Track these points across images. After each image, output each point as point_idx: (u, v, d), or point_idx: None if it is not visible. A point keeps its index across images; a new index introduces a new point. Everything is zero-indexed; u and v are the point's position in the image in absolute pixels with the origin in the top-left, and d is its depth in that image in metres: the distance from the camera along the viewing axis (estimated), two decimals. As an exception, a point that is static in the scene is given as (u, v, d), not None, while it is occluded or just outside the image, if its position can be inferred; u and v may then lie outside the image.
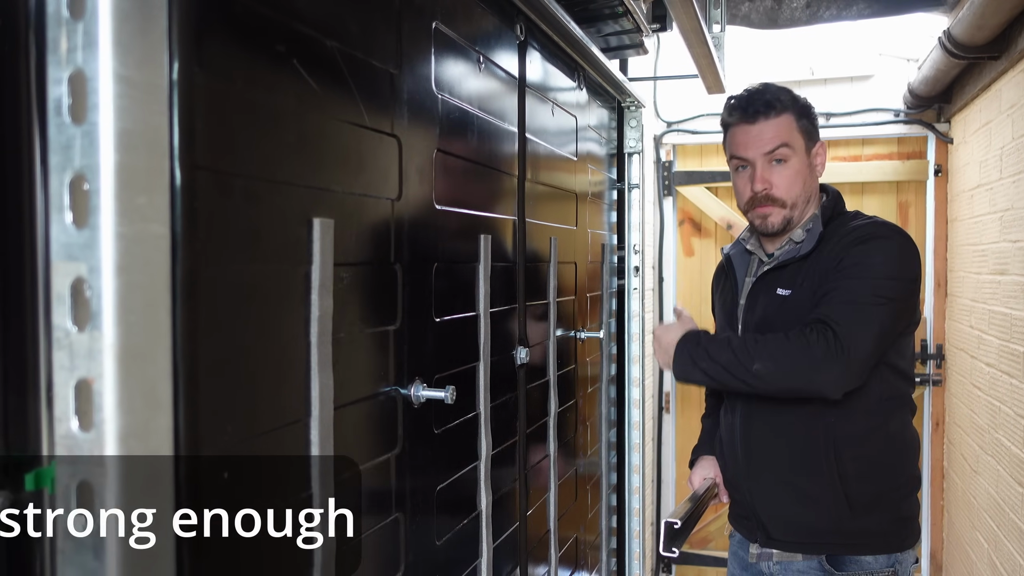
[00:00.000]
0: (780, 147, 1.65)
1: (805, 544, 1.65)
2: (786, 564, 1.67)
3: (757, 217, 1.69)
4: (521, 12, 1.58)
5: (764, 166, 1.66)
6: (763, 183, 1.65)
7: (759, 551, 1.72)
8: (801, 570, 1.65)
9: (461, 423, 1.31)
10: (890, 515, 1.63)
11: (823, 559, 1.63)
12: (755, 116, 1.65)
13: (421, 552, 1.17)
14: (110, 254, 0.54)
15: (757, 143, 1.66)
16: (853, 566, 1.62)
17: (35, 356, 0.71)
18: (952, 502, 3.64)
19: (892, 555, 1.62)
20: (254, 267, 0.81)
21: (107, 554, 0.55)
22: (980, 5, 2.35)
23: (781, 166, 1.66)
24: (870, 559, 1.61)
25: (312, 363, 0.89)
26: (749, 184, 1.67)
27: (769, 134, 1.65)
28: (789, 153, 1.65)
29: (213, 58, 0.75)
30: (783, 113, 1.65)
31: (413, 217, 1.14)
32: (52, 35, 0.55)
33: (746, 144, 1.67)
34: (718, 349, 1.57)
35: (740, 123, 1.67)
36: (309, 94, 0.91)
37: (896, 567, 1.62)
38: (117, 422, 0.54)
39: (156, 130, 0.57)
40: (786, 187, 1.65)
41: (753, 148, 1.66)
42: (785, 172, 1.66)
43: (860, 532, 1.61)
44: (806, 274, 1.64)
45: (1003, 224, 2.79)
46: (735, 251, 1.84)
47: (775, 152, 1.65)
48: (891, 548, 1.62)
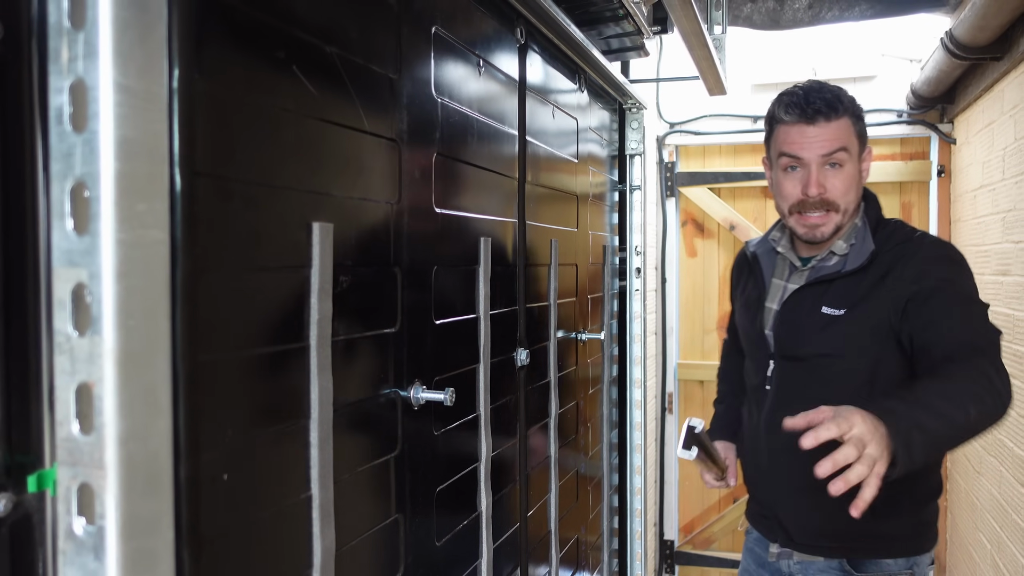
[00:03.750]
0: (839, 151, 1.58)
1: (826, 548, 1.65)
2: (806, 564, 1.68)
3: (803, 225, 1.63)
4: (521, 15, 1.58)
5: (820, 169, 1.59)
6: (818, 187, 1.58)
7: (779, 550, 1.71)
8: (821, 569, 1.66)
9: (461, 425, 1.32)
10: (910, 520, 1.62)
11: (844, 561, 1.63)
12: (815, 116, 1.58)
13: (421, 553, 1.18)
14: (110, 260, 0.55)
15: (815, 145, 1.58)
16: (872, 567, 1.63)
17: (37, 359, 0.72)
18: (955, 503, 3.64)
19: (911, 558, 1.62)
20: (254, 271, 0.82)
21: (107, 555, 0.56)
22: (982, 6, 2.35)
23: (837, 170, 1.59)
24: (889, 561, 1.62)
25: (311, 366, 0.90)
26: (800, 186, 1.61)
27: (828, 136, 1.58)
28: (846, 158, 1.59)
29: (212, 65, 0.76)
30: (843, 116, 1.59)
31: (413, 221, 1.14)
32: (53, 45, 0.56)
33: (802, 144, 1.59)
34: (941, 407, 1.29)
35: (797, 122, 1.59)
36: (309, 99, 0.92)
37: (914, 569, 1.63)
38: (117, 425, 0.55)
39: (156, 137, 0.58)
40: (842, 192, 1.59)
41: (810, 149, 1.58)
42: (841, 177, 1.59)
43: (880, 536, 1.61)
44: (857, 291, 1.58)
45: (1006, 225, 2.79)
46: (762, 250, 1.79)
47: (833, 156, 1.58)
48: (909, 551, 1.63)
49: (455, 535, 1.30)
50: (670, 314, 4.17)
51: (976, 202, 3.24)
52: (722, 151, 4.12)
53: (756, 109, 3.96)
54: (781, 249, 1.73)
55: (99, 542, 0.56)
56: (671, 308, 4.18)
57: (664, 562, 4.19)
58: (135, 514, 0.57)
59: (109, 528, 0.56)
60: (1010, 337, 2.69)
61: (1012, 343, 2.67)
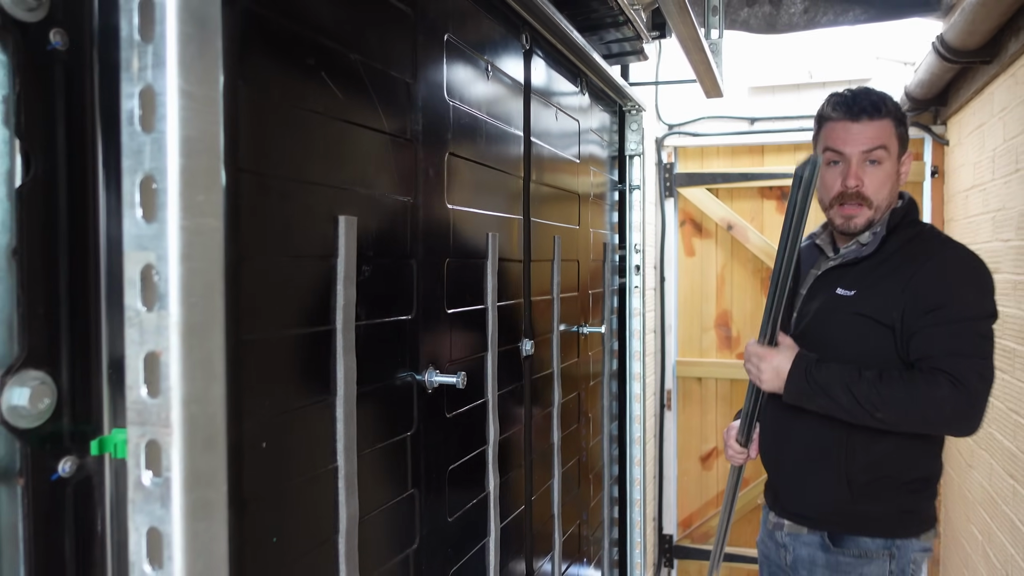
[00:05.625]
0: (877, 148, 1.71)
1: (809, 519, 1.79)
2: (795, 536, 1.82)
3: (841, 216, 1.75)
4: (527, 22, 1.66)
5: (859, 164, 1.72)
6: (856, 180, 1.71)
7: (775, 520, 1.88)
8: (807, 543, 1.80)
9: (471, 408, 1.40)
10: (891, 506, 1.72)
11: (825, 535, 1.76)
12: (859, 115, 1.71)
13: (434, 527, 1.26)
14: (175, 244, 0.63)
15: (857, 140, 1.71)
16: (851, 544, 1.74)
17: (98, 337, 0.80)
18: (948, 496, 3.72)
19: (890, 540, 1.72)
20: (288, 258, 0.90)
21: (172, 503, 0.63)
22: (971, 11, 2.43)
23: (875, 167, 1.72)
24: (868, 540, 1.73)
25: (337, 347, 0.98)
26: (840, 179, 1.73)
27: (870, 133, 1.71)
28: (884, 156, 1.71)
29: (252, 72, 0.84)
30: (886, 117, 1.72)
31: (427, 216, 1.22)
32: (125, 55, 0.63)
33: (845, 140, 1.72)
34: (838, 389, 1.61)
35: (843, 119, 1.73)
36: (334, 102, 0.99)
37: (894, 551, 1.72)
38: (181, 389, 0.63)
39: (212, 137, 0.66)
40: (876, 188, 1.72)
41: (852, 144, 1.72)
42: (878, 173, 1.72)
43: (859, 516, 1.73)
44: (871, 277, 1.71)
45: (995, 224, 2.87)
46: (805, 245, 1.92)
47: (872, 152, 1.71)
48: (888, 534, 1.72)
49: (465, 512, 1.38)
50: (668, 312, 4.25)
51: (968, 202, 3.32)
52: (720, 152, 4.20)
53: (753, 111, 4.04)
54: (820, 242, 1.87)
55: (165, 492, 0.63)
56: (669, 306, 4.26)
57: (663, 556, 4.26)
58: (196, 468, 0.65)
59: (175, 479, 0.63)
60: (1000, 334, 2.77)
61: (1002, 339, 2.74)
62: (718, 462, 4.31)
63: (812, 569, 1.79)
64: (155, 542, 0.65)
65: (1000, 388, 2.79)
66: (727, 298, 4.26)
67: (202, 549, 0.66)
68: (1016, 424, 2.57)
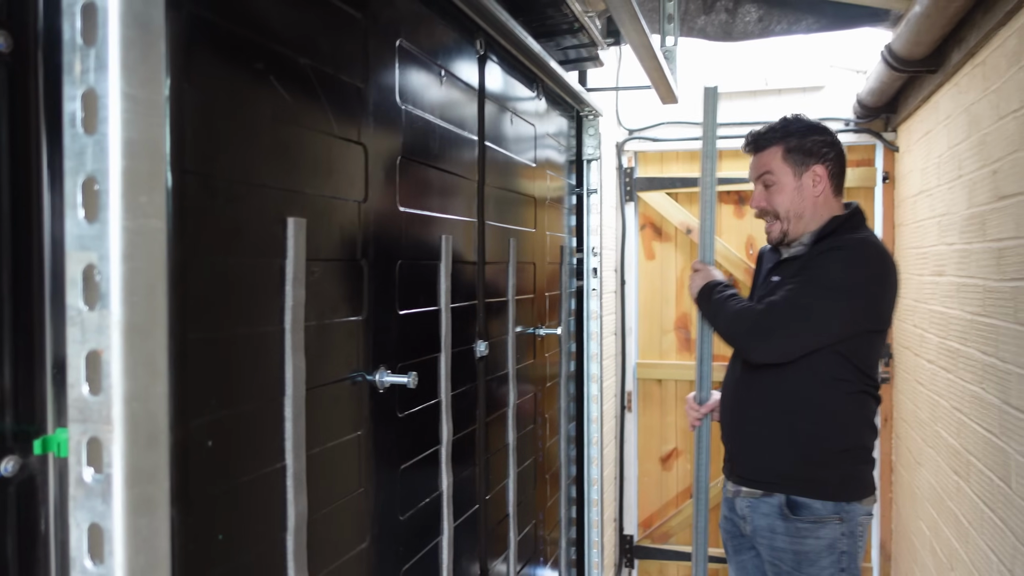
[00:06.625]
0: (764, 174, 2.14)
1: (764, 483, 2.05)
2: (754, 504, 2.07)
3: (765, 230, 2.18)
4: (481, 28, 1.69)
5: (758, 188, 2.17)
6: (755, 201, 2.18)
7: (734, 488, 2.15)
8: (766, 513, 2.04)
9: (424, 408, 1.41)
10: (835, 471, 2.00)
11: (783, 504, 2.00)
12: (749, 150, 2.20)
13: (386, 525, 1.27)
14: (117, 244, 0.64)
15: (751, 170, 2.20)
16: (805, 511, 1.99)
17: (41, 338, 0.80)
18: (899, 494, 3.81)
19: (839, 504, 1.99)
20: (235, 259, 0.91)
21: (113, 499, 0.65)
22: (916, 22, 2.51)
23: (771, 188, 2.12)
24: (819, 505, 1.98)
25: (286, 347, 0.99)
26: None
27: (757, 164, 2.17)
28: (773, 179, 2.12)
29: (199, 75, 0.86)
30: (771, 145, 2.13)
31: (378, 218, 1.24)
32: (67, 59, 0.64)
33: (749, 171, 2.21)
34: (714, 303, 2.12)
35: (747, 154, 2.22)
36: (284, 106, 1.01)
37: (843, 515, 1.99)
38: (123, 386, 0.64)
39: (155, 139, 0.67)
40: (774, 204, 2.12)
41: (750, 174, 2.21)
42: (775, 193, 2.12)
43: (808, 480, 2.00)
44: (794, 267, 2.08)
45: (940, 228, 2.96)
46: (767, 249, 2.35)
47: (761, 178, 2.15)
48: (836, 497, 1.98)
49: (417, 511, 1.39)
50: (629, 315, 4.30)
51: (916, 207, 3.42)
52: (679, 157, 4.26)
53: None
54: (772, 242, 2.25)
55: (106, 488, 0.65)
56: (630, 309, 4.31)
57: (624, 556, 4.31)
58: (138, 465, 0.66)
59: (116, 476, 0.64)
60: (945, 334, 2.86)
61: (947, 340, 2.83)
62: (678, 463, 4.37)
63: (772, 537, 2.03)
64: (96, 537, 0.66)
65: (943, 387, 2.88)
66: (687, 301, 4.32)
67: (143, 545, 0.67)
68: (959, 422, 2.65)
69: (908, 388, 3.60)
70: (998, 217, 2.22)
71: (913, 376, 3.48)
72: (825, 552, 1.99)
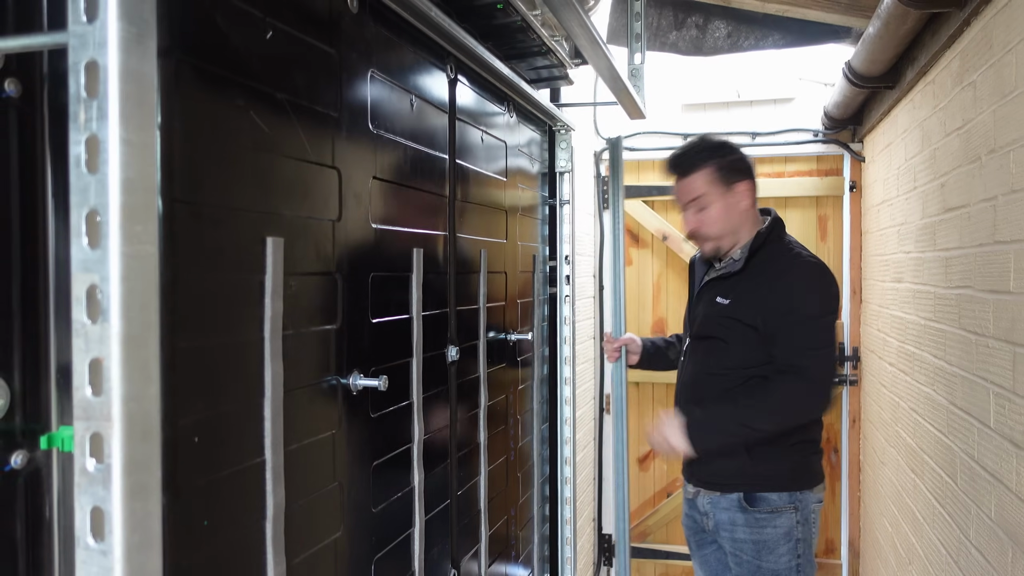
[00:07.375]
0: (694, 199, 2.19)
1: (722, 484, 2.21)
2: (714, 501, 2.23)
3: (698, 249, 2.31)
4: (451, 54, 1.80)
5: (688, 213, 2.22)
6: (687, 226, 2.24)
7: (693, 489, 2.31)
8: (726, 507, 2.20)
9: (396, 409, 1.53)
10: (785, 463, 2.16)
11: (741, 498, 2.16)
12: (674, 174, 2.23)
13: (359, 516, 1.38)
14: (116, 268, 0.75)
15: (679, 195, 2.24)
16: (762, 503, 2.15)
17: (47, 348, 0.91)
18: (866, 492, 3.95)
19: (792, 493, 2.15)
20: (219, 276, 1.02)
21: (112, 485, 0.75)
22: (871, 42, 2.64)
23: (701, 212, 2.19)
24: (774, 496, 2.14)
25: (265, 353, 1.10)
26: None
27: (685, 189, 2.20)
28: (705, 202, 2.18)
29: (187, 115, 0.97)
30: (696, 171, 2.18)
31: (352, 235, 1.35)
32: (73, 109, 0.75)
33: (676, 196, 2.25)
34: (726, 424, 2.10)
35: (673, 178, 2.24)
36: (263, 137, 1.12)
37: (797, 504, 2.16)
38: (121, 389, 0.75)
39: (149, 176, 0.78)
40: (706, 226, 2.19)
41: (679, 199, 2.24)
42: (706, 216, 2.19)
43: (761, 475, 2.16)
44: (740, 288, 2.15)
45: (900, 236, 3.10)
46: (699, 258, 2.42)
47: (692, 203, 2.20)
48: (789, 487, 2.15)
49: (389, 504, 1.50)
50: (607, 319, 4.42)
51: (879, 215, 3.56)
52: (655, 166, 4.39)
53: (686, 127, 4.24)
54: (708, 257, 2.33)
55: (107, 476, 0.76)
56: (608, 314, 4.43)
57: (603, 555, 4.42)
58: (133, 456, 0.77)
59: (115, 465, 0.75)
60: (903, 338, 2.99)
61: (905, 344, 2.96)
62: (655, 464, 4.49)
63: (733, 529, 2.18)
64: (98, 519, 0.77)
65: (902, 389, 3.01)
66: (663, 306, 4.45)
67: (138, 525, 0.78)
68: (916, 423, 2.78)
69: (873, 390, 3.73)
70: (945, 228, 2.36)
71: (877, 379, 3.62)
72: (783, 540, 2.14)
